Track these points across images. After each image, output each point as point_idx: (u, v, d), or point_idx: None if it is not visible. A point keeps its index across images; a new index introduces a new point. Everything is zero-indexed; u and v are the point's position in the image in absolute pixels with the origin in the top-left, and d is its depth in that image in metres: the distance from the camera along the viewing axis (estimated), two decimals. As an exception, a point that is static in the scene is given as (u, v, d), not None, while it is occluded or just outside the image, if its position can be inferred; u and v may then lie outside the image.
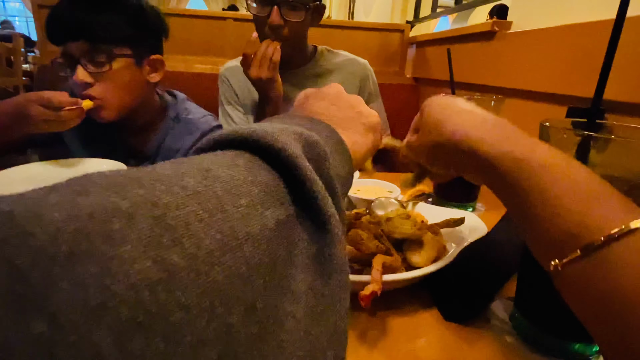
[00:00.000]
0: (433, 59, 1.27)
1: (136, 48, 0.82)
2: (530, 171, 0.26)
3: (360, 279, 0.37)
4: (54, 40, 0.79)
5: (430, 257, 0.42)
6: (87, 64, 0.77)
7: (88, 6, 0.76)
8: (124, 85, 0.82)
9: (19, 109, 0.71)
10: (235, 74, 1.07)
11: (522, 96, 0.79)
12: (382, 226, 0.45)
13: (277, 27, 0.90)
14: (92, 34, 0.76)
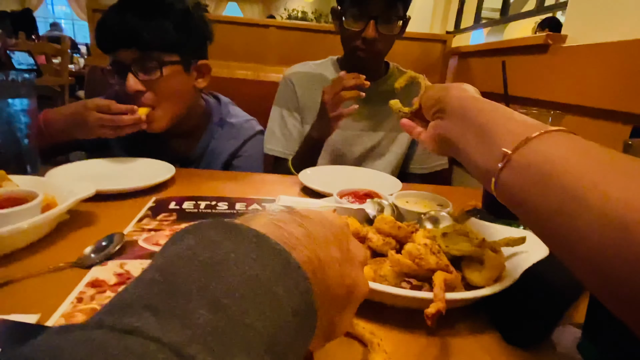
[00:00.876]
0: (477, 71, 1.24)
1: (184, 54, 0.83)
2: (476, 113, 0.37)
3: (423, 296, 0.36)
4: (103, 48, 0.81)
5: (491, 277, 0.41)
6: (138, 71, 0.78)
7: (138, 13, 0.78)
8: (174, 92, 0.83)
9: (77, 115, 0.74)
10: (302, 80, 1.09)
11: (577, 112, 0.76)
12: (438, 241, 0.44)
13: (372, 40, 0.92)
14: (143, 42, 0.77)
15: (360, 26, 0.93)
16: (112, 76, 0.82)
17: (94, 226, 0.55)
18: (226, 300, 0.16)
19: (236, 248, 0.19)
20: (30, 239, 0.47)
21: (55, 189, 0.56)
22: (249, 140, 0.96)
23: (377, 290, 0.37)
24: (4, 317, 0.35)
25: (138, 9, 0.79)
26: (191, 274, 0.17)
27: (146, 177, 0.71)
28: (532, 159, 0.29)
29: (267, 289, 0.18)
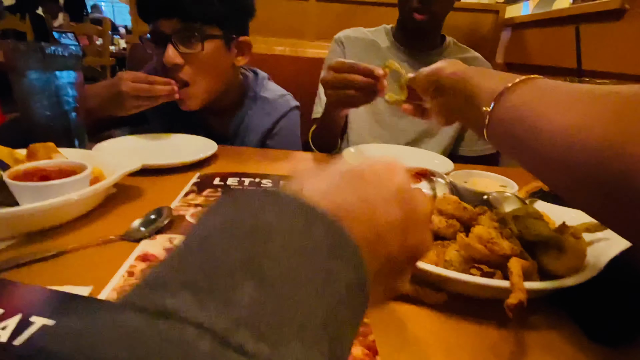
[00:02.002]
0: (534, 44, 1.14)
1: (226, 28, 0.80)
2: (464, 83, 0.42)
3: (499, 284, 0.32)
4: (145, 16, 0.78)
5: (572, 266, 0.36)
6: (178, 43, 0.75)
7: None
8: (213, 69, 0.80)
9: (112, 87, 0.72)
10: (353, 43, 1.07)
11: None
12: (510, 225, 0.40)
13: (427, 0, 0.92)
14: (185, 11, 0.74)
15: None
16: (151, 46, 0.80)
17: (140, 200, 0.54)
18: (273, 276, 0.14)
19: (281, 218, 0.17)
20: (80, 211, 0.47)
21: (103, 163, 0.55)
22: (283, 117, 0.93)
23: (448, 276, 0.33)
24: (58, 288, 0.34)
25: None
26: (233, 247, 0.15)
27: (190, 152, 0.70)
28: (503, 113, 0.35)
29: (317, 262, 0.16)
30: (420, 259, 0.25)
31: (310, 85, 1.11)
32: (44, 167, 0.48)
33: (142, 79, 0.73)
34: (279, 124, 0.92)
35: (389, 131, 1.07)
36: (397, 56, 1.07)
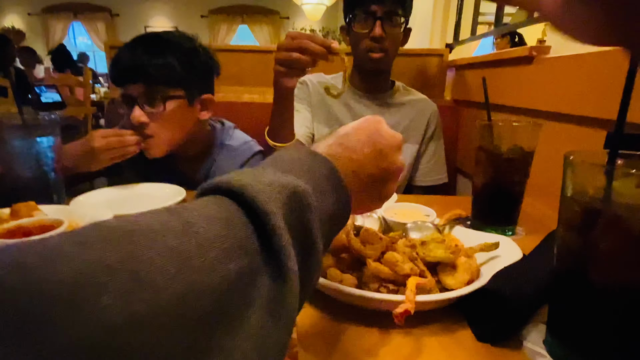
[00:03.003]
0: (472, 82, 1.28)
1: (189, 89, 0.90)
2: None
3: (395, 298, 0.40)
4: (115, 82, 0.89)
5: (463, 280, 0.45)
6: (143, 104, 0.85)
7: (145, 51, 0.85)
8: (175, 124, 0.90)
9: (85, 145, 0.81)
10: (315, 85, 1.20)
11: (562, 119, 0.79)
12: (417, 249, 0.48)
13: (379, 38, 1.04)
14: (148, 77, 0.84)
15: (368, 27, 1.05)
16: (121, 107, 0.90)
17: (112, 247, 0.61)
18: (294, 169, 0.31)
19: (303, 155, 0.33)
20: (58, 261, 0.54)
21: (79, 217, 0.62)
22: (246, 163, 1.02)
23: (356, 294, 0.41)
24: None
25: (146, 47, 0.87)
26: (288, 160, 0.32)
27: (159, 201, 0.78)
28: None
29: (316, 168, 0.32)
30: (395, 171, 0.41)
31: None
32: (26, 225, 0.55)
33: (111, 134, 0.83)
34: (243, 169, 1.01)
35: None
36: (354, 98, 1.19)
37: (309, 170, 0.31)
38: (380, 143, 0.39)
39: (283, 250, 0.23)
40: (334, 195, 0.32)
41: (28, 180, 0.69)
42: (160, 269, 0.18)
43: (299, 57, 0.76)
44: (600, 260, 0.33)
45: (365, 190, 0.38)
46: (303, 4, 5.83)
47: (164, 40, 0.89)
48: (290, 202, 0.26)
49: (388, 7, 1.04)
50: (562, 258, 0.36)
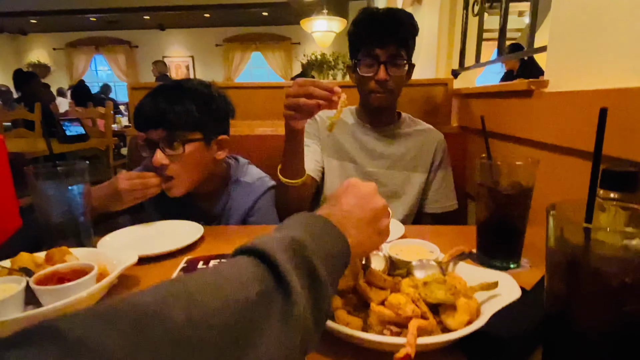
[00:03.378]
0: (476, 110, 1.32)
1: (206, 131, 0.97)
2: None
3: (397, 341, 0.43)
4: (138, 127, 0.96)
5: (463, 321, 0.47)
6: (164, 147, 0.92)
7: (165, 99, 0.93)
8: (194, 164, 0.96)
9: (111, 187, 0.88)
10: (324, 120, 1.25)
11: (559, 151, 0.81)
12: (419, 290, 0.51)
13: (383, 82, 1.09)
14: (168, 123, 0.92)
15: (372, 71, 1.10)
16: (144, 150, 0.97)
17: (137, 288, 0.66)
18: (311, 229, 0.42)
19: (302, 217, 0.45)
20: (90, 304, 0.59)
21: (106, 258, 0.68)
22: (260, 198, 1.07)
23: (360, 337, 0.45)
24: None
25: (166, 95, 0.95)
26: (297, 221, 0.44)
27: (179, 238, 0.83)
28: None
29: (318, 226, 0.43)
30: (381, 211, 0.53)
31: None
32: (60, 270, 0.61)
33: (134, 176, 0.89)
34: (257, 204, 1.06)
35: None
36: (362, 131, 1.23)
37: (306, 224, 0.43)
38: (359, 192, 0.52)
39: (286, 275, 0.33)
40: (330, 238, 0.43)
41: (60, 224, 0.75)
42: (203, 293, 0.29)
43: (305, 102, 0.83)
44: (583, 307, 0.36)
45: (360, 231, 0.49)
46: (313, 32, 6.01)
47: (183, 88, 0.96)
48: (290, 245, 0.37)
49: (391, 51, 1.08)
50: (549, 302, 0.39)
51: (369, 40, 1.09)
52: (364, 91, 1.15)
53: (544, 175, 0.69)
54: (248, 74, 10.39)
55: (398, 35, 1.09)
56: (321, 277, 0.37)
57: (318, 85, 0.83)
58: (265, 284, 0.32)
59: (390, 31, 1.08)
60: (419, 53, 2.45)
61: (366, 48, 1.10)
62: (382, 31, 1.08)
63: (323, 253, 0.40)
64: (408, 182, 1.22)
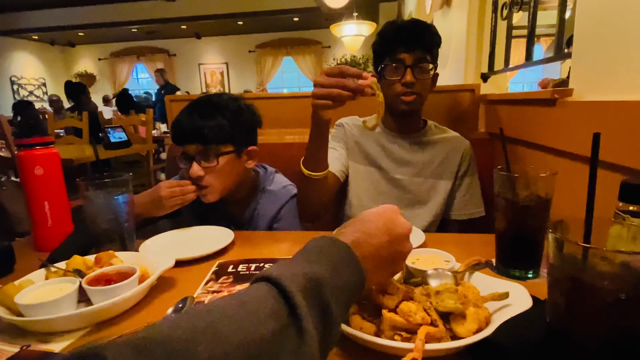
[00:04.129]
0: (503, 117, 1.31)
1: (237, 143, 1.05)
2: None
3: (406, 346, 0.47)
4: (175, 141, 1.05)
5: (471, 329, 0.50)
6: (200, 160, 1.01)
7: (199, 115, 1.01)
8: (226, 174, 1.05)
9: (153, 194, 0.97)
10: (351, 127, 1.29)
11: (579, 160, 0.81)
12: (430, 299, 0.54)
13: (410, 84, 1.11)
14: (203, 138, 1.00)
15: (399, 75, 1.12)
16: (181, 162, 1.06)
17: (174, 289, 0.73)
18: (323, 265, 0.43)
19: (327, 246, 0.46)
20: (132, 304, 0.66)
21: (147, 261, 0.75)
22: (284, 206, 1.14)
23: (372, 342, 0.48)
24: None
25: (201, 111, 1.02)
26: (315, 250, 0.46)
27: (212, 243, 0.89)
28: None
29: (335, 254, 0.45)
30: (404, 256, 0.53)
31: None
32: (107, 272, 0.68)
33: (174, 184, 0.97)
34: (282, 211, 1.12)
35: (385, 197, 1.23)
36: (388, 138, 1.26)
37: (328, 254, 0.45)
38: (395, 231, 0.51)
39: (302, 317, 0.36)
40: (349, 272, 0.44)
41: (106, 230, 0.84)
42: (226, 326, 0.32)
43: (340, 93, 0.81)
44: (581, 320, 0.38)
45: (379, 269, 0.50)
46: (343, 37, 6.05)
47: (215, 104, 1.04)
48: (308, 283, 0.39)
49: (417, 55, 1.11)
50: (551, 314, 0.41)
51: (395, 46, 1.12)
52: (390, 96, 1.16)
53: (565, 183, 0.70)
54: (279, 79, 10.58)
55: (424, 40, 1.12)
56: (334, 315, 0.39)
57: (347, 72, 0.82)
58: (281, 321, 0.35)
59: (416, 36, 1.11)
60: (448, 57, 2.44)
61: (391, 53, 1.13)
62: (407, 36, 1.11)
63: (339, 288, 0.42)
64: (434, 190, 1.23)
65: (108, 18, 8.33)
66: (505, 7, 1.60)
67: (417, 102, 1.16)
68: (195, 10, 8.02)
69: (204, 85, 10.46)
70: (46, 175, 0.92)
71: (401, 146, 1.24)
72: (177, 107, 1.64)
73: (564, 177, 0.70)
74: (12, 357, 0.54)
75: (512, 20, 1.58)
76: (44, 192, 0.93)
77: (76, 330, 0.60)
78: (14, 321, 0.59)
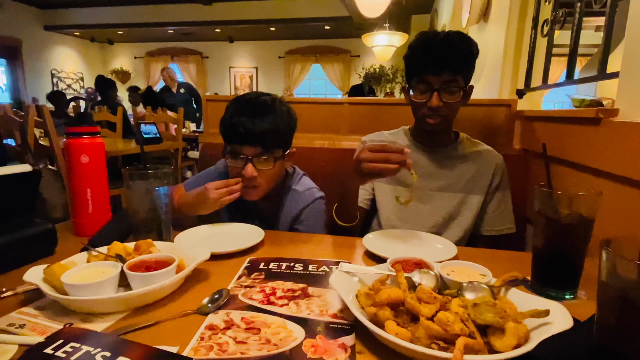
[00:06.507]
0: (541, 134, 1.29)
1: (285, 147, 1.09)
2: None
3: (444, 355, 0.46)
4: (231, 140, 1.05)
5: (510, 344, 0.49)
6: (256, 162, 1.03)
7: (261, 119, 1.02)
8: (274, 175, 1.08)
9: (202, 196, 0.99)
10: (377, 142, 1.27)
11: (625, 183, 0.79)
12: (469, 310, 0.54)
13: (436, 108, 1.10)
14: (265, 142, 1.02)
15: (425, 97, 1.10)
16: (230, 160, 1.07)
17: (207, 281, 0.75)
18: None
19: None
20: (169, 291, 0.68)
21: (183, 252, 0.77)
22: (306, 207, 1.15)
23: (408, 348, 0.48)
24: (156, 346, 0.53)
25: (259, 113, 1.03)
26: None
27: (243, 239, 0.91)
28: None
29: None
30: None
31: (343, 170, 1.31)
32: (147, 260, 0.71)
33: (221, 185, 0.99)
34: (304, 212, 1.14)
35: (414, 215, 1.22)
36: (416, 151, 1.24)
37: None
38: None
39: None
40: None
41: (145, 219, 0.87)
42: None
43: (387, 167, 0.89)
44: (632, 341, 0.37)
45: None
46: (374, 46, 6.07)
47: (271, 107, 1.06)
48: None
49: (445, 78, 1.06)
50: (599, 334, 0.40)
51: (423, 67, 1.09)
52: (417, 116, 1.17)
53: (607, 206, 0.68)
54: (307, 85, 10.68)
55: (453, 62, 1.06)
56: None
57: (389, 149, 0.90)
58: None
59: (444, 58, 1.06)
60: (482, 71, 2.41)
61: (420, 74, 1.10)
62: (436, 58, 1.07)
63: None
64: (464, 204, 1.21)
65: (146, 18, 8.65)
66: (546, 23, 1.58)
67: (442, 124, 1.14)
68: (230, 14, 8.24)
69: (233, 88, 10.66)
70: (91, 163, 0.96)
71: (430, 160, 1.22)
72: (213, 106, 1.69)
73: (606, 199, 0.68)
74: (55, 333, 0.56)
75: (553, 37, 1.55)
76: (88, 179, 0.97)
77: (114, 313, 0.62)
78: (58, 299, 0.61)
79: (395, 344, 0.50)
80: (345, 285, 0.64)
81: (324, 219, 1.18)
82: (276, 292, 0.70)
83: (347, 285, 0.65)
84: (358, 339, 0.56)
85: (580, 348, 0.47)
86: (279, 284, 0.73)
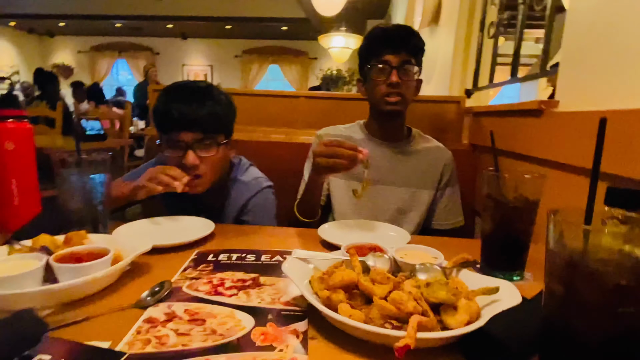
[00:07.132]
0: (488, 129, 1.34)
1: (228, 133, 1.03)
2: None
3: (397, 334, 0.45)
4: (164, 128, 0.98)
5: (463, 320, 0.49)
6: (197, 149, 0.96)
7: (198, 103, 0.96)
8: (219, 164, 1.02)
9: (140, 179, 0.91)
10: (332, 135, 1.28)
11: (566, 169, 0.83)
12: (422, 290, 0.53)
13: (395, 84, 1.12)
14: (204, 126, 0.96)
15: (385, 75, 1.13)
16: (168, 151, 0.99)
17: (149, 274, 0.69)
18: None
19: None
20: (103, 285, 0.62)
21: (121, 245, 0.70)
22: (253, 197, 1.11)
23: (361, 329, 0.46)
24: (86, 343, 0.47)
25: (197, 98, 0.97)
26: None
27: (191, 232, 0.85)
28: None
29: None
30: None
31: (300, 165, 1.29)
32: (78, 252, 0.64)
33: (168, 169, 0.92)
34: (250, 202, 1.10)
35: (367, 210, 1.22)
36: (370, 145, 1.24)
37: None
38: None
39: None
40: None
41: (79, 210, 0.79)
42: None
43: (337, 162, 0.90)
44: (579, 308, 0.37)
45: None
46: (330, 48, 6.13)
47: (208, 91, 1.00)
48: None
49: (403, 58, 1.12)
50: (547, 303, 0.40)
51: (382, 48, 1.14)
52: (375, 96, 1.16)
53: (549, 192, 0.70)
54: (264, 86, 10.56)
55: (409, 43, 1.14)
56: None
57: (343, 145, 0.90)
58: None
59: (402, 39, 1.14)
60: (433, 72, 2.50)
61: (378, 54, 1.14)
62: (394, 38, 1.14)
63: None
64: (414, 199, 1.23)
65: (92, 10, 8.11)
66: (492, 25, 1.66)
67: (401, 104, 1.16)
68: (183, 10, 7.94)
69: (187, 86, 10.33)
70: (17, 150, 0.87)
71: (384, 154, 1.23)
72: (161, 97, 1.60)
73: (548, 185, 0.70)
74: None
75: (498, 39, 1.63)
76: (13, 168, 0.87)
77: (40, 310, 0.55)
78: (-30, 297, 0.53)
79: (349, 326, 0.48)
80: (299, 273, 0.62)
81: (273, 209, 1.14)
82: (225, 283, 0.65)
83: (301, 272, 0.62)
84: (311, 324, 0.54)
85: (530, 321, 0.48)
86: (228, 275, 0.69)
